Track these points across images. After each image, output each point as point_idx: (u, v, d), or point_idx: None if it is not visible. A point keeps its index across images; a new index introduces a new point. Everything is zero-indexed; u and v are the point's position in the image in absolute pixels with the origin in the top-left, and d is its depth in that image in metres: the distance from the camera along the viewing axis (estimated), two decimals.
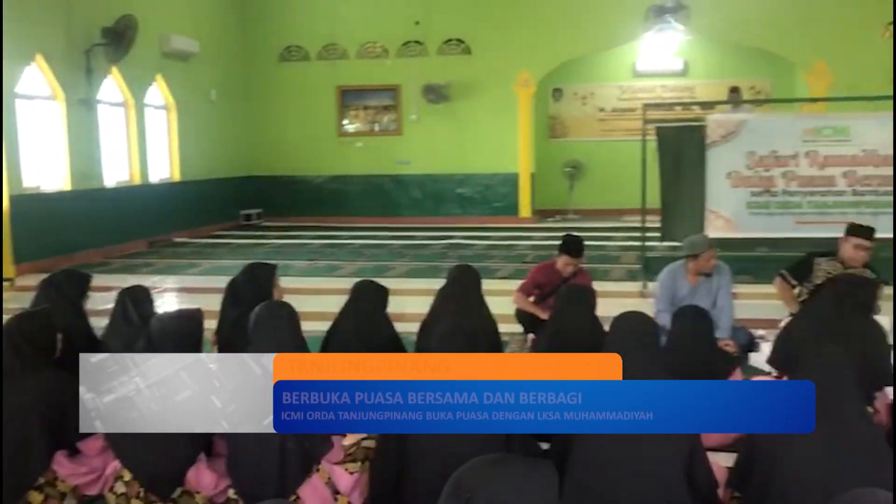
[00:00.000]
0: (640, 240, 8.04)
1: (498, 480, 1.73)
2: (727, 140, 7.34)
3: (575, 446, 2.77)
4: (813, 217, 7.26)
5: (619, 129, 14.99)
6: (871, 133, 7.09)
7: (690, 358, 3.55)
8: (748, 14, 13.01)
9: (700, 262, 5.34)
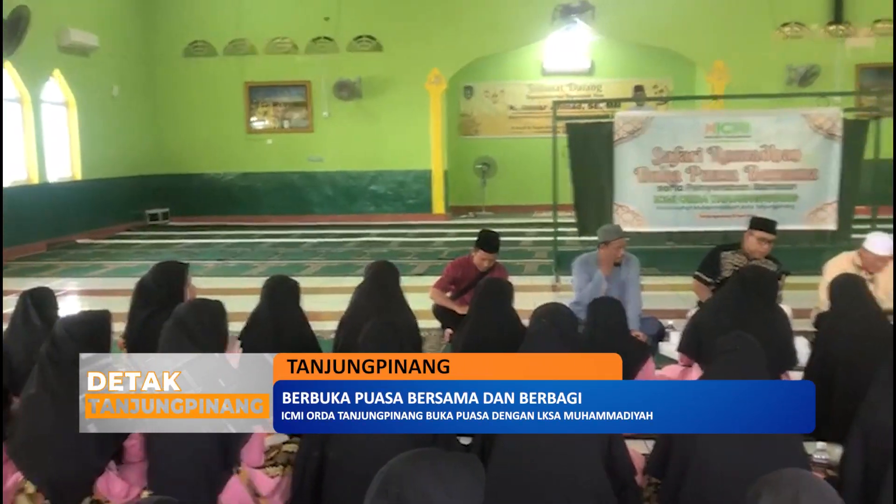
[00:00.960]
0: (553, 235, 8.18)
1: (426, 475, 1.72)
2: (634, 136, 7.52)
3: (497, 441, 2.79)
4: (717, 211, 7.52)
5: (529, 126, 15.20)
6: (769, 129, 7.39)
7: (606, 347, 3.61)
8: (651, 15, 13.39)
9: (610, 249, 5.47)
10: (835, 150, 7.30)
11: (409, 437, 2.70)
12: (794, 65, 13.09)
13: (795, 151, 7.36)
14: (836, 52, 13.23)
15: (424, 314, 5.57)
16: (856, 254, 5.43)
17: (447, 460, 1.80)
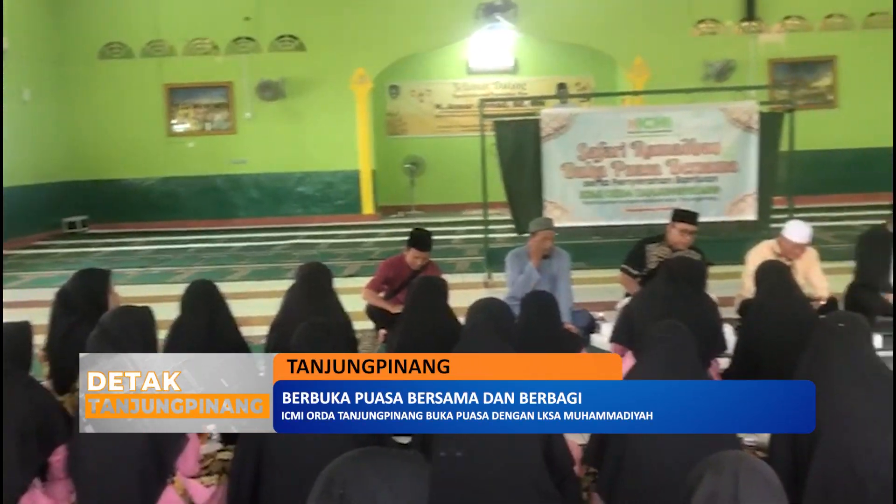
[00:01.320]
0: (483, 232, 8.22)
1: (370, 474, 1.70)
2: (560, 133, 7.61)
3: (437, 439, 2.78)
4: (642, 204, 7.66)
5: (456, 125, 15.26)
6: (689, 123, 7.57)
7: (540, 340, 3.66)
8: (572, 13, 13.59)
9: (536, 240, 5.53)
10: (752, 142, 7.53)
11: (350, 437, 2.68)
12: (711, 60, 13.47)
13: (715, 144, 7.56)
14: (750, 47, 13.68)
15: (358, 315, 5.52)
16: (775, 242, 5.61)
17: (391, 458, 1.78)
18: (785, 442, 2.85)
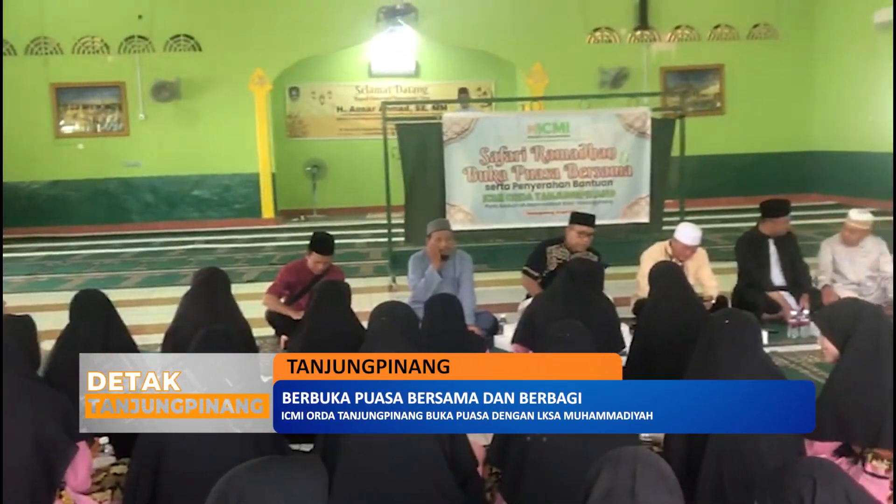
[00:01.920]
0: (387, 236, 8.20)
1: (265, 484, 1.67)
2: (462, 137, 7.67)
3: (341, 444, 2.75)
4: (542, 208, 7.81)
5: (358, 128, 15.16)
6: (586, 128, 7.77)
7: (444, 342, 3.66)
8: (472, 19, 13.73)
9: (432, 241, 5.56)
10: (646, 147, 7.79)
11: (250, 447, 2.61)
12: (606, 67, 13.86)
13: (611, 149, 7.78)
14: (643, 55, 14.15)
15: (258, 321, 5.41)
16: (667, 244, 5.82)
17: (287, 466, 1.76)
18: (680, 437, 2.95)
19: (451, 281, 5.61)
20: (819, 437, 3.08)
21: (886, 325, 3.11)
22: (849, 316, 3.11)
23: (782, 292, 5.97)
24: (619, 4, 14.03)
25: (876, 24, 12.56)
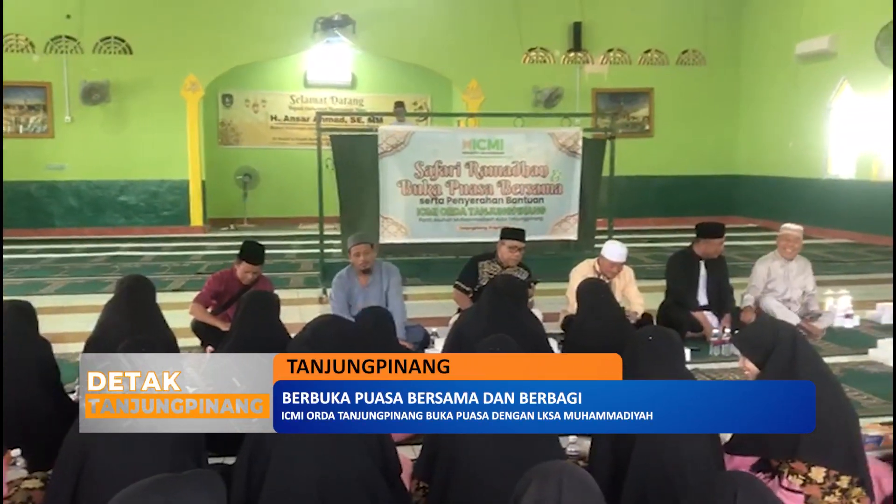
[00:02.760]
0: (319, 247, 8.13)
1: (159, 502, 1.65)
2: (397, 150, 7.68)
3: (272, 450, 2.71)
4: (475, 223, 7.86)
5: (292, 137, 15.04)
6: (520, 146, 7.87)
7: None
8: (410, 34, 13.81)
9: (351, 256, 5.53)
10: (577, 166, 7.92)
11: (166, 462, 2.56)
12: (540, 87, 14.09)
13: (543, 167, 7.89)
14: (576, 76, 14.44)
15: (183, 331, 5.29)
16: (595, 261, 5.93)
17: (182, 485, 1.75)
18: (605, 450, 2.99)
19: (380, 293, 5.58)
20: (739, 451, 3.18)
21: (802, 343, 3.24)
22: (767, 336, 3.22)
23: (705, 312, 6.14)
24: (553, 26, 14.29)
25: (797, 56, 13.11)
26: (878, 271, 9.49)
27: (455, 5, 13.96)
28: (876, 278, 9.04)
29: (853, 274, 9.31)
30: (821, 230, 12.56)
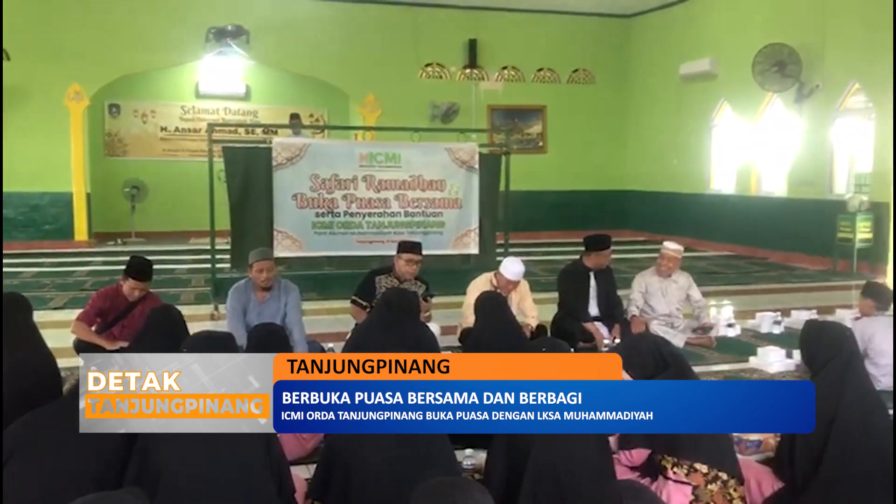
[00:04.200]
0: (210, 262, 7.92)
1: None
2: (292, 163, 7.58)
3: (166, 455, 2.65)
4: (372, 236, 7.84)
5: (183, 149, 14.62)
6: (417, 160, 7.90)
7: None
8: (306, 46, 13.69)
9: (253, 272, 5.41)
10: (474, 181, 8.02)
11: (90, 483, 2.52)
12: (437, 102, 14.22)
13: (441, 182, 7.95)
14: (472, 93, 14.65)
15: (65, 351, 5.04)
16: (493, 275, 6.01)
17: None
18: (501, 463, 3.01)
19: (277, 309, 5.47)
20: (628, 445, 3.30)
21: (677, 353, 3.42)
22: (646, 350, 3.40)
23: (597, 322, 6.30)
24: (449, 42, 14.46)
25: (681, 76, 13.71)
26: (758, 282, 9.99)
27: (352, 19, 13.93)
28: (755, 289, 9.52)
29: (734, 285, 9.76)
30: (704, 243, 13.13)
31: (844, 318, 6.56)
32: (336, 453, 2.91)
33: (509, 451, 2.92)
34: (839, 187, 11.19)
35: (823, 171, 11.24)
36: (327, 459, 2.97)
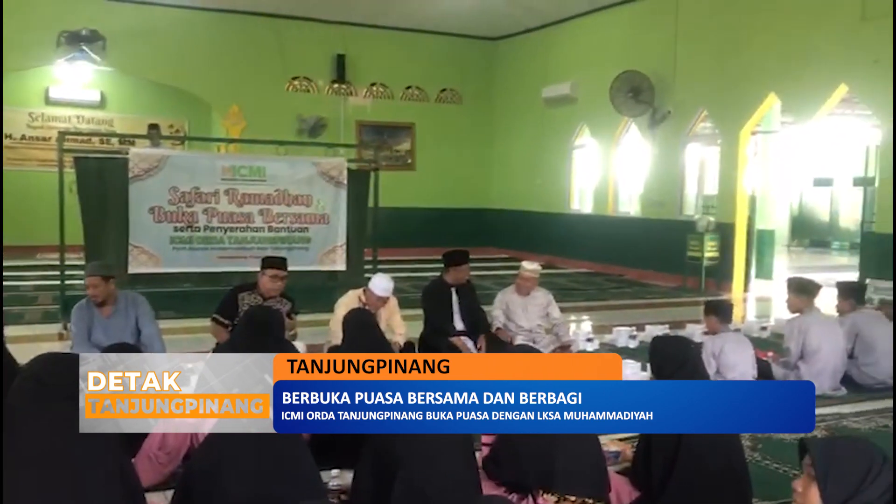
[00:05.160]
0: (59, 279, 7.46)
1: None
2: (150, 175, 7.29)
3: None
4: (234, 252, 7.63)
5: (31, 158, 13.76)
6: (283, 174, 7.77)
7: None
8: (167, 54, 13.21)
9: (88, 288, 5.16)
10: (342, 196, 7.97)
11: None
12: (304, 116, 14.05)
13: (307, 197, 7.84)
14: (340, 108, 14.57)
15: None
16: (361, 292, 5.96)
17: None
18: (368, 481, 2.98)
19: (124, 326, 5.19)
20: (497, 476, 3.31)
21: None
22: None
23: (462, 336, 6.37)
24: (317, 56, 14.34)
25: (544, 99, 14.17)
26: (614, 298, 10.42)
27: (216, 28, 13.56)
28: (612, 304, 9.92)
29: (593, 301, 10.14)
30: (564, 260, 13.58)
31: (694, 332, 6.97)
32: (195, 480, 2.79)
33: (375, 470, 2.89)
34: (689, 208, 11.87)
35: (674, 193, 11.89)
36: (185, 486, 2.85)
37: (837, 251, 18.57)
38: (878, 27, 8.83)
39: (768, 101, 10.48)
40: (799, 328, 5.69)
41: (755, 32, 10.36)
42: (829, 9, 9.48)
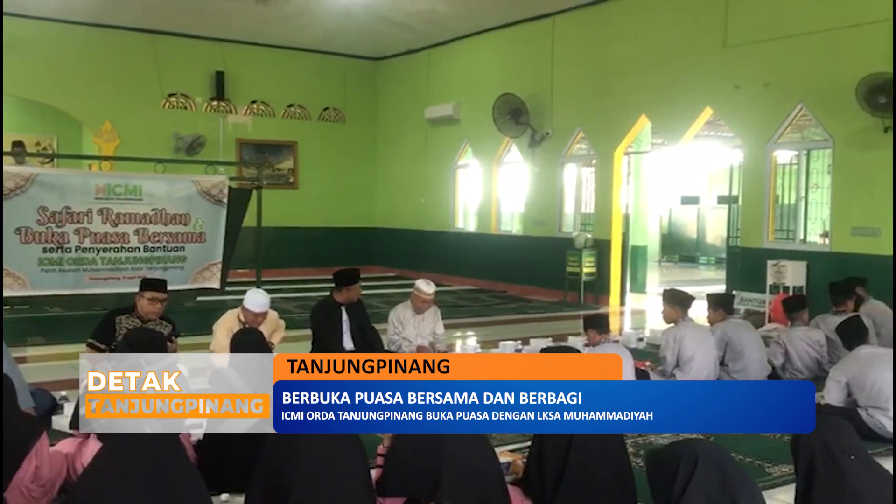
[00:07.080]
0: None
1: None
2: (16, 194, 6.93)
3: None
4: (108, 273, 7.34)
5: None
6: (161, 193, 7.54)
7: None
8: (33, 69, 12.56)
9: None
10: (221, 214, 7.80)
11: None
12: (182, 133, 13.64)
13: (185, 215, 7.64)
14: (220, 125, 14.24)
15: None
16: (239, 311, 5.81)
17: None
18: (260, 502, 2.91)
19: None
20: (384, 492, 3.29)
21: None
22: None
23: None
24: (194, 73, 14.00)
25: (427, 119, 14.33)
26: (499, 314, 10.60)
27: (86, 42, 13.00)
28: (498, 319, 10.09)
29: (479, 317, 10.28)
30: (450, 277, 13.71)
31: (576, 344, 7.17)
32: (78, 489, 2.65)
33: (268, 493, 2.83)
34: (567, 226, 12.25)
35: (553, 212, 12.24)
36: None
37: (704, 266, 19.58)
38: (739, 54, 9.44)
39: (640, 122, 10.98)
40: (675, 338, 5.96)
41: (627, 58, 10.86)
42: (694, 37, 10.06)
